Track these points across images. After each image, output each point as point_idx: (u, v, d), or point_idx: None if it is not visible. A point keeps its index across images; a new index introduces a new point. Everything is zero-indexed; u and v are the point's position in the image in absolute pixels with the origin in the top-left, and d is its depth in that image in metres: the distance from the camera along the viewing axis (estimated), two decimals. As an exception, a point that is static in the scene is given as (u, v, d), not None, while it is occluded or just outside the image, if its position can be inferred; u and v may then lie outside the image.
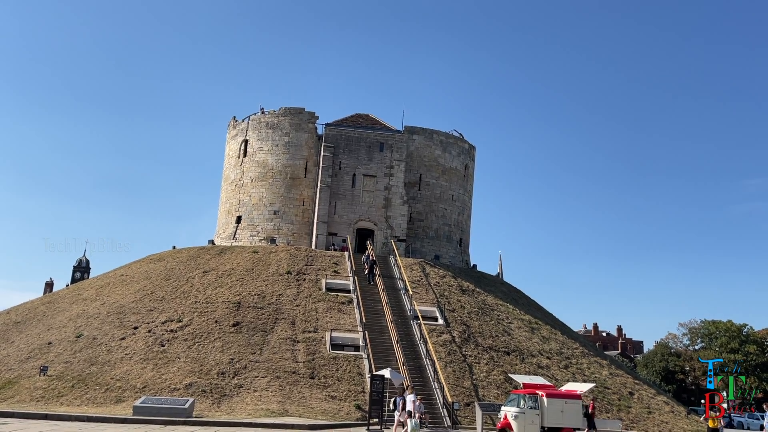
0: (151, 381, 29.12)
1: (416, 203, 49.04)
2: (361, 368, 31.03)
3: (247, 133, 50.17)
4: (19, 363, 32.08)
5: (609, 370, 38.52)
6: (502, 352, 35.13)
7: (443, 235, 49.92)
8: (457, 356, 33.32)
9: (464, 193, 52.47)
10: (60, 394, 28.23)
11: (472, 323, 37.18)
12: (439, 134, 51.22)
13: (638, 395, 36.25)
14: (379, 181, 47.41)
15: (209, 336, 32.88)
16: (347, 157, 47.59)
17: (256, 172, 48.81)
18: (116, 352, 31.92)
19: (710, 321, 79.40)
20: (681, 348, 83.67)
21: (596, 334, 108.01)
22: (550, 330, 41.07)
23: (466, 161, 52.68)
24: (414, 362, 31.56)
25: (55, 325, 36.57)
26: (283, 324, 34.21)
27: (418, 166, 49.54)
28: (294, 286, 38.16)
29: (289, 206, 47.57)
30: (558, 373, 34.58)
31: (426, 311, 36.57)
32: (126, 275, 43.11)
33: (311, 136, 48.54)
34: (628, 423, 31.33)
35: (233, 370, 30.08)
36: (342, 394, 29.12)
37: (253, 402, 27.79)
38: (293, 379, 29.71)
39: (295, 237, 46.76)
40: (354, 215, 46.92)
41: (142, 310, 36.07)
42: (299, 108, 49.32)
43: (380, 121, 51.67)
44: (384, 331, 33.85)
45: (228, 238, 48.35)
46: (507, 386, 31.60)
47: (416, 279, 40.86)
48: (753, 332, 77.42)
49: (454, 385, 30.57)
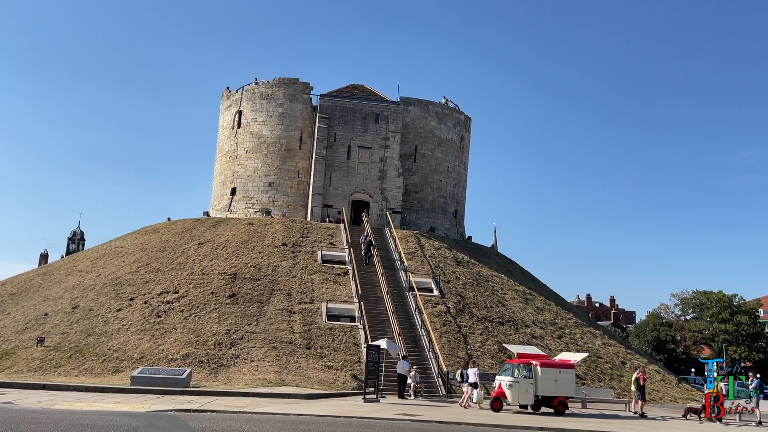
0: (148, 352, 29.31)
1: (412, 175, 48.94)
2: (357, 339, 31.29)
3: (241, 104, 49.72)
4: (15, 334, 32.19)
5: (602, 339, 39.01)
6: (496, 323, 35.46)
7: (438, 207, 49.94)
8: (452, 327, 33.61)
9: (460, 165, 52.36)
10: (57, 365, 28.40)
11: (467, 294, 37.44)
12: (435, 105, 50.90)
13: (630, 364, 36.73)
14: (374, 152, 47.22)
15: (205, 307, 33.02)
16: (342, 128, 47.30)
17: (251, 144, 48.51)
18: (113, 323, 32.05)
19: (702, 291, 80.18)
20: (672, 318, 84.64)
21: (589, 304, 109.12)
22: (544, 301, 41.43)
23: (461, 132, 52.46)
24: (409, 332, 31.83)
25: (51, 296, 36.62)
26: (280, 295, 34.36)
27: (413, 137, 49.31)
28: (290, 258, 38.23)
29: (284, 178, 47.40)
30: (552, 343, 34.98)
31: (421, 282, 36.77)
32: (121, 247, 43.08)
33: (306, 107, 48.15)
34: (620, 391, 31.80)
35: (230, 341, 30.29)
36: (338, 364, 29.40)
37: (250, 372, 28.03)
38: (290, 350, 29.96)
39: (291, 209, 46.70)
40: (349, 187, 46.82)
41: (138, 281, 36.13)
42: (293, 78, 48.83)
43: (375, 92, 51.26)
44: (379, 302, 34.06)
45: (223, 210, 48.26)
46: (501, 356, 31.97)
47: (412, 251, 40.99)
48: (744, 302, 78.27)
49: (449, 355, 30.90)
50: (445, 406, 24.42)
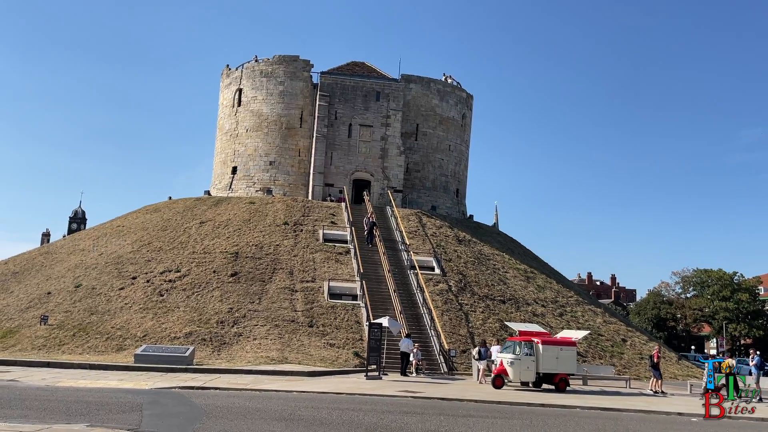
0: (151, 330, 29.46)
1: (413, 153, 48.73)
2: (359, 317, 31.41)
3: (241, 82, 49.36)
4: (19, 312, 32.33)
5: (603, 317, 39.14)
6: (497, 301, 35.55)
7: (440, 185, 49.81)
8: (453, 305, 33.72)
9: (461, 143, 52.12)
10: (61, 343, 28.56)
11: (468, 273, 37.50)
12: (437, 83, 50.52)
13: (631, 342, 36.93)
14: (375, 131, 46.96)
15: (208, 286, 33.11)
16: (343, 106, 46.99)
17: (251, 122, 48.26)
18: (116, 301, 32.17)
19: (702, 269, 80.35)
20: (673, 296, 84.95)
21: (590, 283, 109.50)
22: (545, 279, 41.51)
23: (463, 110, 52.14)
24: (411, 311, 31.94)
25: (54, 275, 36.72)
26: (281, 274, 34.43)
27: (415, 115, 49.01)
28: (291, 237, 38.25)
29: (285, 157, 47.23)
30: (553, 321, 35.10)
31: (423, 261, 36.81)
32: (122, 226, 43.09)
33: (306, 85, 47.81)
34: (620, 368, 31.97)
35: (232, 319, 30.42)
36: (340, 342, 29.55)
37: (253, 350, 28.19)
38: (292, 328, 30.09)
39: (292, 188, 46.60)
40: (350, 166, 46.65)
41: (140, 260, 36.19)
42: (294, 56, 48.42)
43: (376, 69, 50.84)
44: (381, 280, 34.12)
45: (224, 189, 48.17)
46: (503, 334, 32.09)
47: (413, 229, 40.98)
48: (744, 280, 78.46)
49: (451, 333, 31.03)
50: (446, 383, 24.58)
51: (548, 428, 14.87)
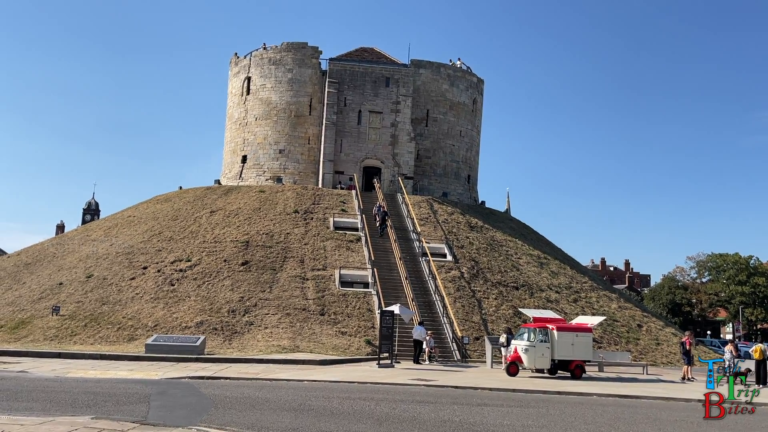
0: (162, 319, 29.35)
1: (423, 140, 48.18)
2: (371, 304, 31.12)
3: (249, 70, 48.96)
4: (31, 303, 32.36)
5: (618, 303, 38.61)
6: (511, 287, 35.12)
7: (451, 171, 49.27)
8: (466, 292, 33.33)
9: (472, 129, 51.48)
10: (73, 333, 28.53)
11: (480, 259, 37.07)
12: (447, 68, 49.83)
13: (646, 327, 36.41)
14: (385, 117, 46.43)
15: (218, 275, 32.94)
16: (352, 93, 46.47)
17: (260, 110, 47.90)
18: (127, 291, 32.09)
19: (718, 254, 79.36)
20: (688, 281, 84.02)
21: (604, 268, 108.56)
22: (559, 265, 40.98)
23: (474, 95, 51.44)
24: (423, 298, 31.60)
25: (66, 266, 36.73)
26: (292, 262, 34.18)
27: (425, 101, 48.40)
28: (302, 225, 37.97)
29: (295, 145, 46.87)
30: (567, 307, 34.63)
31: (434, 248, 36.41)
32: (133, 216, 43.02)
33: (315, 72, 47.32)
34: (636, 354, 31.51)
35: (243, 308, 30.24)
36: (352, 330, 29.30)
37: (264, 339, 28.00)
38: (303, 316, 29.86)
39: (302, 176, 46.27)
40: (360, 153, 46.20)
41: (151, 250, 36.09)
42: (302, 43, 47.91)
43: (386, 54, 50.22)
44: (393, 268, 33.78)
45: (234, 178, 47.94)
46: (516, 320, 31.69)
47: (424, 216, 40.56)
48: (760, 264, 77.42)
49: (464, 320, 30.68)
50: (460, 371, 24.25)
51: (565, 417, 14.48)
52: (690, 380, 24.49)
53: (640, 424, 13.93)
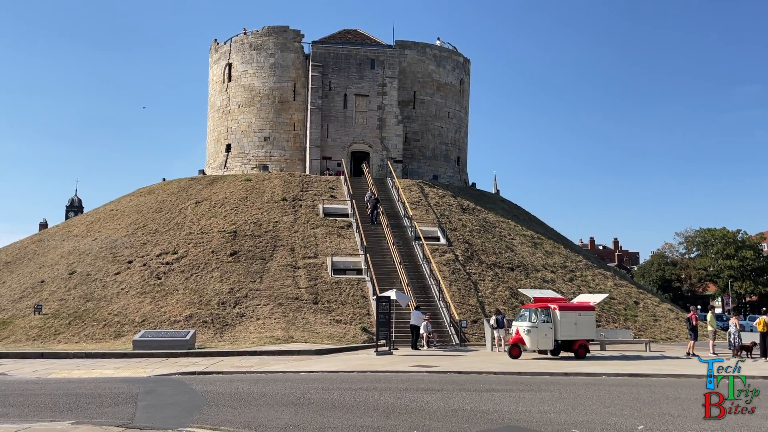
0: (150, 314, 28.31)
1: (411, 122, 47.20)
2: (365, 291, 30.29)
3: (230, 56, 47.60)
4: (12, 303, 31.15)
5: (613, 280, 38.17)
6: (506, 269, 34.45)
7: (440, 154, 48.40)
8: (461, 274, 32.60)
9: (460, 110, 50.56)
10: (57, 332, 27.41)
11: (474, 241, 36.34)
12: (433, 48, 48.80)
13: (643, 304, 36.03)
14: (371, 100, 45.37)
15: (207, 266, 31.91)
16: (337, 76, 45.32)
17: (243, 97, 46.62)
18: (112, 287, 30.98)
19: (706, 229, 79.50)
20: (677, 257, 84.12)
21: (593, 247, 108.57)
22: (552, 244, 40.40)
23: (461, 76, 50.48)
24: (418, 282, 30.83)
25: (47, 263, 35.48)
26: (282, 251, 33.22)
27: (411, 83, 47.38)
28: (290, 213, 36.97)
29: (280, 131, 45.70)
30: (563, 287, 34.06)
31: (427, 232, 35.60)
32: (116, 210, 41.75)
33: (298, 56, 46.08)
34: (635, 331, 31.05)
35: (234, 300, 29.28)
36: (347, 318, 28.47)
37: (257, 330, 27.10)
38: (296, 306, 28.97)
39: (288, 163, 45.17)
40: (348, 138, 45.16)
41: (136, 243, 34.93)
42: (283, 26, 46.61)
43: (370, 36, 49.08)
44: (386, 253, 32.95)
45: (219, 168, 46.74)
46: (513, 301, 31.07)
47: (415, 200, 39.71)
48: (748, 237, 77.61)
49: (460, 303, 29.97)
50: (460, 355, 23.53)
51: (581, 400, 13.76)
52: (694, 356, 23.96)
53: (661, 404, 13.24)
